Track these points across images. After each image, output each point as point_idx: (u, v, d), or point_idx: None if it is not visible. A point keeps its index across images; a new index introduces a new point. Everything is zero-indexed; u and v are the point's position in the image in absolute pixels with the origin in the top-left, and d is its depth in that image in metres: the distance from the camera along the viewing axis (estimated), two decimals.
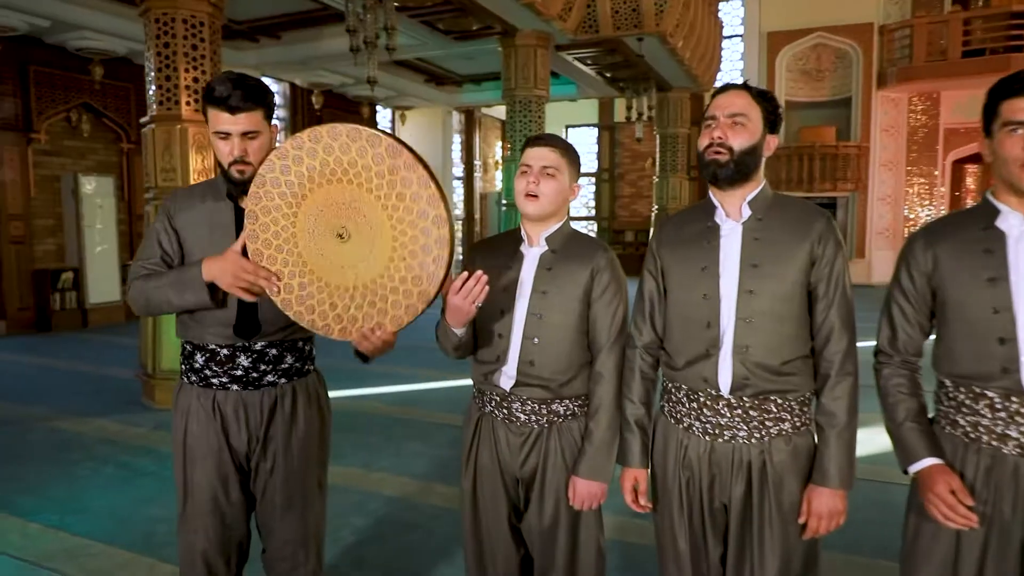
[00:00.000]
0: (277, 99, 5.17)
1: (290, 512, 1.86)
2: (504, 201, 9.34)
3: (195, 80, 4.99)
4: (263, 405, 1.80)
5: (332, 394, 2.04)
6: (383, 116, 14.61)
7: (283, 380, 1.83)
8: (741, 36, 15.58)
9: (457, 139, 16.16)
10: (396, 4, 6.93)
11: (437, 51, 10.27)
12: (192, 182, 4.93)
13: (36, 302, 8.88)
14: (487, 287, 1.61)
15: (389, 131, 1.59)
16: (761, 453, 1.56)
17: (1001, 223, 1.46)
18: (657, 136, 12.76)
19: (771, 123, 1.60)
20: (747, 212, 1.59)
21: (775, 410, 1.56)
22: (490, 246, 1.94)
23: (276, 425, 1.82)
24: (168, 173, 5.00)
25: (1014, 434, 1.43)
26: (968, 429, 1.49)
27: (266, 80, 10.56)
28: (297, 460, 1.85)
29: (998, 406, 1.44)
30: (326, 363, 2.14)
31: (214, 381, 1.79)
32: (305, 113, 12.06)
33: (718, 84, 8.56)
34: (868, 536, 3.04)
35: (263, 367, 1.79)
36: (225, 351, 1.78)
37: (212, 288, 1.67)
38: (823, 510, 1.53)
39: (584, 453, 1.75)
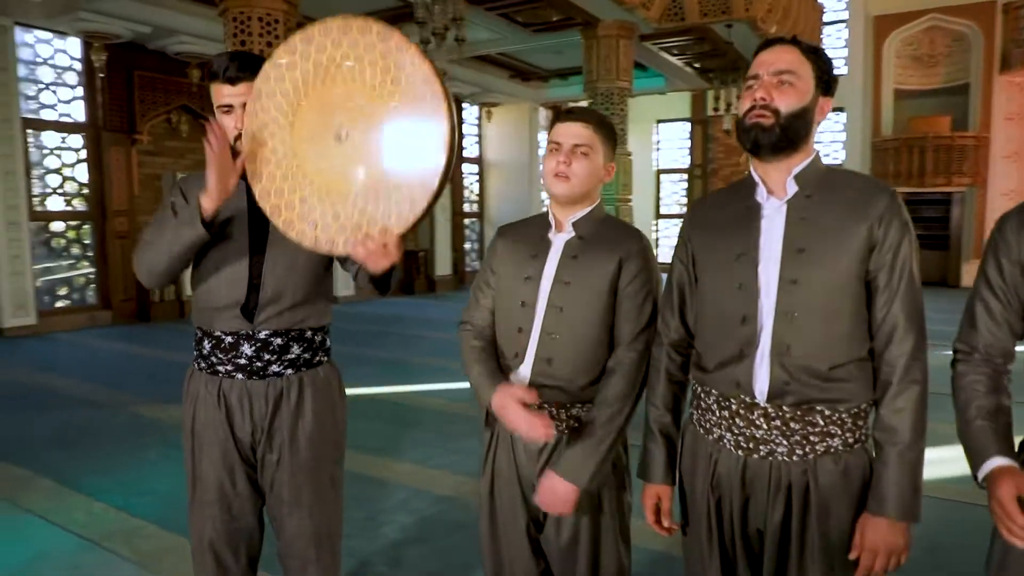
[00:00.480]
0: None
1: (299, 508, 1.78)
2: None
3: None
4: (268, 396, 1.73)
5: (391, 389, 1.95)
6: (469, 113, 14.67)
7: (290, 371, 1.75)
8: (845, 21, 14.58)
9: (544, 136, 16.03)
10: None
11: (517, 45, 10.17)
12: None
13: (138, 294, 9.45)
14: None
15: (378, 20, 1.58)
16: (804, 473, 1.31)
17: None
18: None
19: (824, 83, 1.35)
20: (793, 188, 1.35)
21: (822, 423, 1.30)
22: (515, 231, 1.79)
23: (281, 417, 1.74)
24: None
25: None
26: None
27: None
28: (305, 454, 1.76)
29: None
30: (390, 357, 2.05)
31: (220, 369, 1.74)
32: None
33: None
34: (959, 562, 2.69)
35: (267, 356, 1.72)
36: (229, 339, 1.72)
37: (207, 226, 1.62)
38: (879, 544, 1.26)
39: (568, 447, 1.56)
